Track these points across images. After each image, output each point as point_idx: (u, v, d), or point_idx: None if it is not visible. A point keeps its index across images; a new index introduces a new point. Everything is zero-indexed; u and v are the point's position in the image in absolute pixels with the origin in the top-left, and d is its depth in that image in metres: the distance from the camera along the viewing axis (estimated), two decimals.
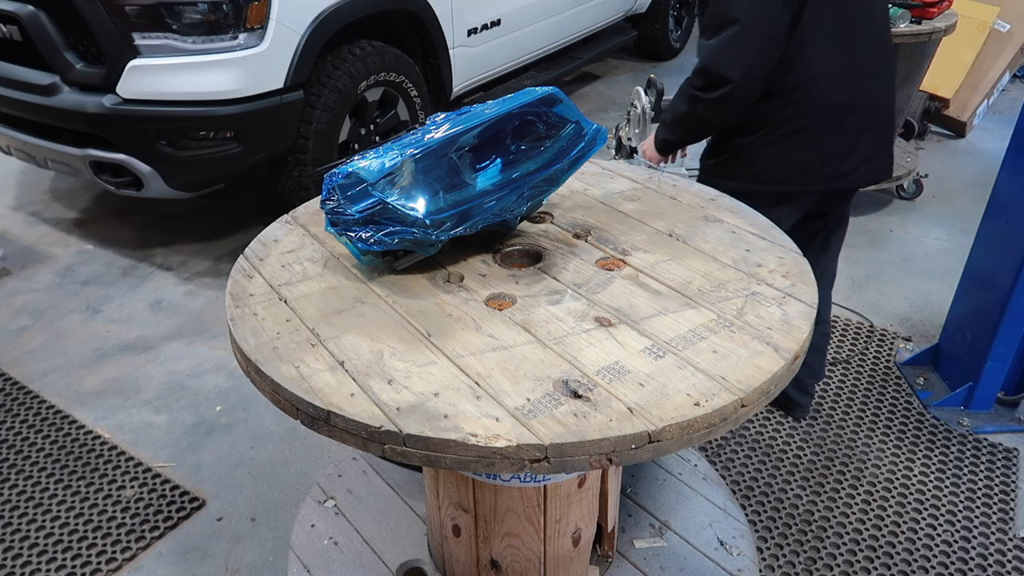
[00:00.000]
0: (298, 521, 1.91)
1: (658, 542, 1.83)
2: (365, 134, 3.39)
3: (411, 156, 1.37)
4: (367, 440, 1.09)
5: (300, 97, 3.02)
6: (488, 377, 1.17)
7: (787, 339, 1.25)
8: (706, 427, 1.11)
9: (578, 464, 1.06)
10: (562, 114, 1.55)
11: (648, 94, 3.27)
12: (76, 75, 2.85)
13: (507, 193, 1.45)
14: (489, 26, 3.94)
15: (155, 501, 2.24)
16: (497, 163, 1.46)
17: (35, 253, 3.53)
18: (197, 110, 2.82)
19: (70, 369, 2.79)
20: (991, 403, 2.59)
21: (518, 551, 1.58)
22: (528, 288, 1.40)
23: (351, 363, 1.21)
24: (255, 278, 1.45)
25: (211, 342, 2.93)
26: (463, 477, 1.51)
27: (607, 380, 1.16)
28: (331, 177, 1.38)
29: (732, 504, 1.96)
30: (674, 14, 6.06)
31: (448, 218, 1.37)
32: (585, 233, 1.59)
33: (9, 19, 2.87)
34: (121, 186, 3.05)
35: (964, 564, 2.05)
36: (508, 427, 1.07)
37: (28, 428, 2.50)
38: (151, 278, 3.34)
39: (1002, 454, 2.41)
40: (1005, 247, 2.39)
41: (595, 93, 5.54)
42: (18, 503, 2.22)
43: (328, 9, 2.99)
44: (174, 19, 2.71)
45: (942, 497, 2.25)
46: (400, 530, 1.87)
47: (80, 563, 2.05)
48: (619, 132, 3.55)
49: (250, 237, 1.63)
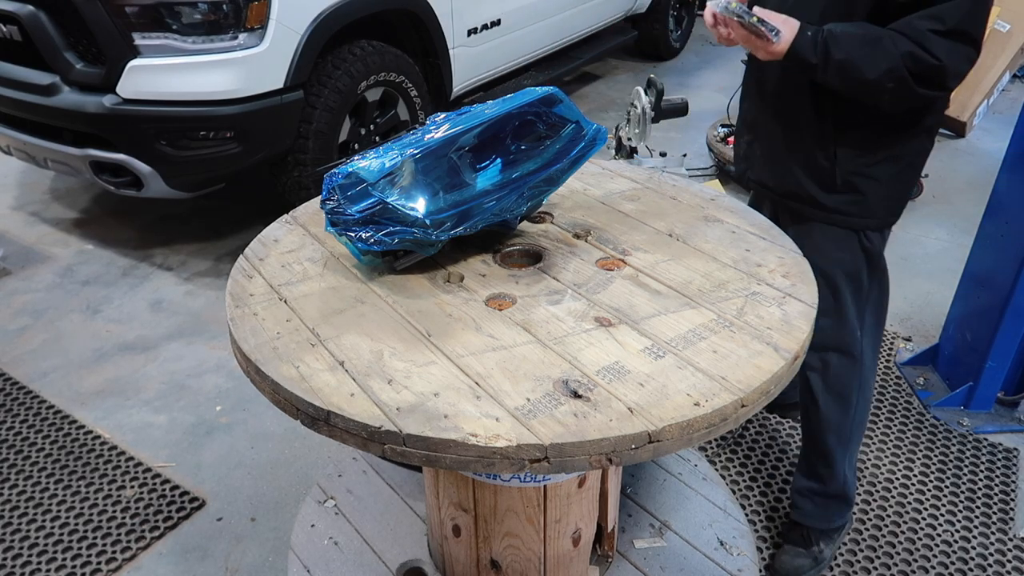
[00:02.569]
0: (298, 521, 1.91)
1: (658, 542, 1.83)
2: (365, 134, 3.39)
3: (411, 156, 1.37)
4: (367, 440, 1.09)
5: (300, 97, 3.02)
6: (488, 377, 1.17)
7: (787, 339, 1.25)
8: (706, 427, 1.11)
9: (578, 464, 1.06)
10: (562, 114, 1.55)
11: (648, 94, 3.27)
12: (76, 75, 2.85)
13: (507, 193, 1.45)
14: (489, 26, 3.94)
15: (155, 501, 2.24)
16: (497, 163, 1.46)
17: (35, 253, 3.53)
18: (197, 110, 2.82)
19: (70, 369, 2.79)
20: (991, 403, 2.59)
21: (518, 551, 1.58)
22: (528, 288, 1.40)
23: (351, 363, 1.21)
24: (255, 278, 1.45)
25: (211, 342, 2.93)
26: (463, 477, 1.51)
27: (607, 380, 1.16)
28: (331, 177, 1.38)
29: (732, 504, 1.96)
30: (674, 14, 6.06)
31: (448, 218, 1.37)
32: (585, 233, 1.59)
33: (9, 19, 2.87)
34: (121, 186, 3.04)
35: (964, 564, 2.05)
36: (508, 427, 1.07)
37: (28, 428, 2.50)
38: (151, 278, 3.33)
39: (1002, 454, 2.40)
40: (1005, 247, 2.39)
41: (595, 93, 5.54)
42: (18, 503, 2.22)
43: (328, 9, 2.99)
44: (174, 19, 2.71)
45: (942, 497, 2.25)
46: (400, 530, 1.87)
47: (80, 563, 2.05)
48: (619, 132, 3.55)
49: (250, 237, 1.63)
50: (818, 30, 1.53)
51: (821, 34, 1.53)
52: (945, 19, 1.46)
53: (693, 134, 4.70)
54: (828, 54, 1.51)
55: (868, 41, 1.50)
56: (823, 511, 2.00)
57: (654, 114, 3.26)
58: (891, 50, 1.47)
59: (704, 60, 6.27)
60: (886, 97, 1.53)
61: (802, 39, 1.53)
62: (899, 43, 1.47)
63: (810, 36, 1.52)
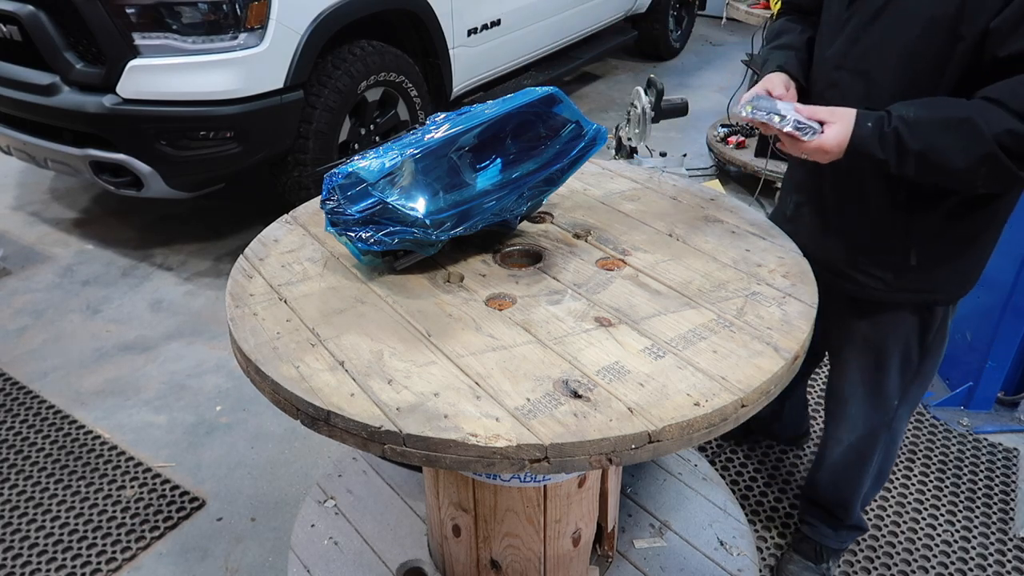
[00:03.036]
0: (298, 521, 1.91)
1: (658, 542, 1.83)
2: (365, 134, 3.39)
3: (411, 156, 1.37)
4: (367, 440, 1.09)
5: (300, 97, 3.02)
6: (488, 377, 1.17)
7: (787, 339, 1.25)
8: (706, 427, 1.11)
9: (578, 464, 1.06)
10: (562, 114, 1.55)
11: (648, 94, 3.27)
12: (76, 75, 2.85)
13: (507, 193, 1.45)
14: (489, 26, 3.94)
15: (155, 501, 2.24)
16: (497, 163, 1.46)
17: (35, 253, 3.53)
18: (197, 110, 2.82)
19: (70, 369, 2.79)
20: (991, 403, 2.59)
21: (518, 551, 1.58)
22: (528, 288, 1.40)
23: (351, 363, 1.21)
24: (255, 278, 1.45)
25: (211, 342, 2.93)
26: (463, 477, 1.51)
27: (607, 380, 1.16)
28: (331, 177, 1.38)
29: (732, 504, 1.96)
30: (674, 14, 6.06)
31: (448, 218, 1.37)
32: (585, 233, 1.59)
33: (9, 19, 2.87)
34: (121, 186, 3.04)
35: (964, 564, 2.05)
36: (508, 427, 1.07)
37: (28, 428, 2.50)
38: (151, 278, 3.33)
39: (1002, 454, 2.40)
40: (1005, 247, 2.38)
41: (595, 93, 5.54)
42: (18, 503, 2.22)
43: (328, 9, 2.99)
44: (174, 19, 2.71)
45: (942, 497, 2.25)
46: (400, 530, 1.87)
47: (80, 563, 2.05)
48: (619, 132, 3.55)
49: (250, 237, 1.63)
50: (882, 117, 1.27)
51: (889, 122, 1.26)
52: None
53: (693, 134, 4.70)
54: (902, 147, 1.24)
55: (952, 124, 1.23)
56: (836, 534, 1.95)
57: (654, 114, 3.25)
58: (983, 131, 1.20)
59: (704, 60, 6.27)
60: (979, 183, 1.29)
61: (863, 132, 1.27)
62: (993, 119, 1.20)
63: (872, 127, 1.26)
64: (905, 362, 1.64)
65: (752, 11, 3.67)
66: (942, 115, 1.24)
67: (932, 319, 1.59)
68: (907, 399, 1.72)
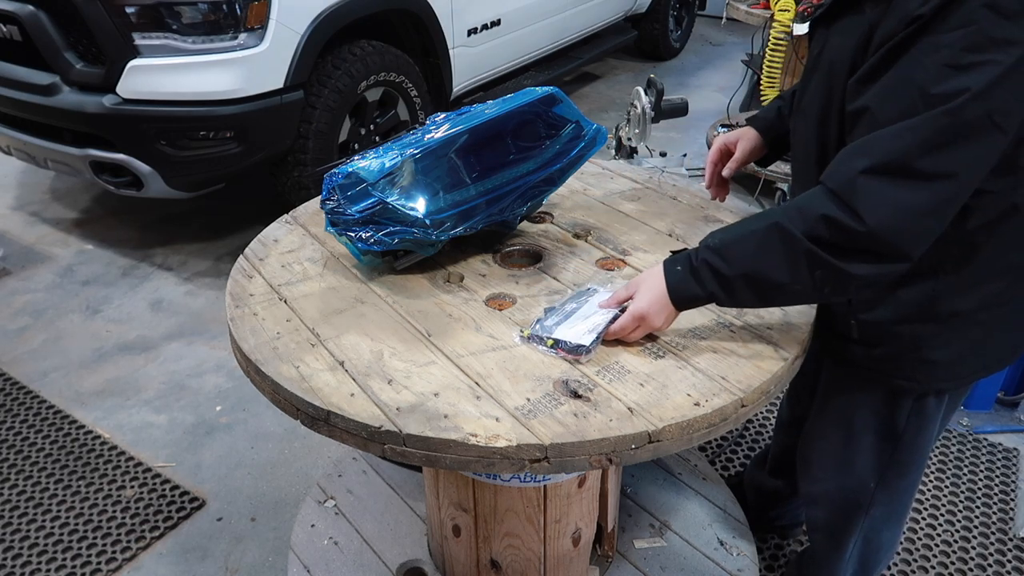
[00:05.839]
0: (298, 521, 1.91)
1: (658, 542, 1.83)
2: (365, 134, 3.39)
3: (411, 156, 1.37)
4: (367, 440, 1.09)
5: (300, 97, 3.02)
6: (488, 377, 1.17)
7: (787, 339, 1.25)
8: (706, 427, 1.11)
9: (578, 464, 1.06)
10: (562, 114, 1.55)
11: (648, 94, 3.27)
12: (76, 75, 2.85)
13: (507, 193, 1.45)
14: (489, 26, 3.94)
15: (155, 501, 2.24)
16: (497, 163, 1.46)
17: (35, 253, 3.53)
18: (197, 110, 2.82)
19: (70, 369, 2.79)
20: (991, 403, 2.59)
21: (518, 551, 1.58)
22: (528, 288, 1.40)
23: (351, 363, 1.21)
24: (255, 278, 1.45)
25: (211, 342, 2.93)
26: (463, 477, 1.51)
27: (607, 380, 1.16)
28: (331, 177, 1.38)
29: (732, 504, 1.96)
30: (674, 14, 6.06)
31: (448, 218, 1.37)
32: (585, 233, 1.59)
33: (9, 19, 2.87)
34: (121, 186, 3.04)
35: (964, 564, 2.05)
36: (508, 427, 1.07)
37: (28, 428, 2.50)
38: (151, 278, 3.33)
39: (1002, 454, 2.40)
40: None
41: (595, 93, 5.54)
42: (18, 503, 2.22)
43: (328, 9, 2.99)
44: (174, 19, 2.71)
45: (942, 497, 2.25)
46: (400, 530, 1.87)
47: (80, 563, 2.05)
48: (619, 132, 3.55)
49: (250, 237, 1.63)
50: (689, 255, 1.18)
51: (696, 257, 1.17)
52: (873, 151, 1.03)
53: (693, 134, 4.70)
54: (720, 277, 1.14)
55: (759, 234, 1.12)
56: None
57: (654, 114, 3.25)
58: (791, 231, 1.08)
59: (704, 60, 6.27)
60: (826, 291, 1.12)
61: (674, 278, 1.18)
62: (808, 212, 1.07)
63: (682, 270, 1.18)
64: (882, 442, 1.43)
65: (752, 11, 3.66)
66: (747, 229, 1.14)
67: (898, 407, 1.36)
68: (885, 486, 1.48)
